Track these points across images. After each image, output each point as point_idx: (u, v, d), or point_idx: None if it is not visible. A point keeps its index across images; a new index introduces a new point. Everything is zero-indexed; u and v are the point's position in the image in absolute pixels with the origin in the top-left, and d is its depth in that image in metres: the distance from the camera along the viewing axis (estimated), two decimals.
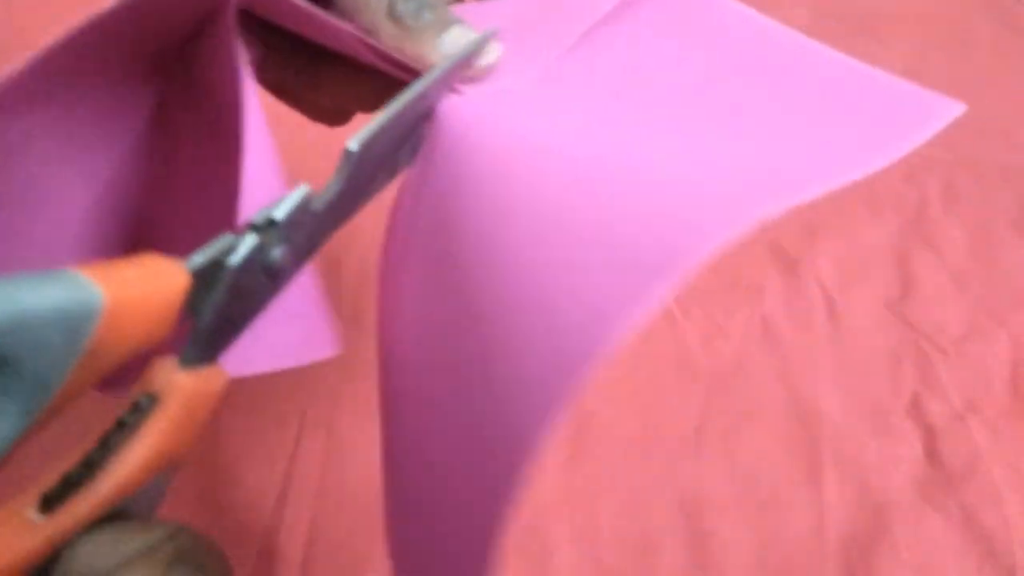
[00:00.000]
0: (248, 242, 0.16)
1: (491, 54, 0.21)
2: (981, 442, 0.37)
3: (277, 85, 0.25)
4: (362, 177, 0.19)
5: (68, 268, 0.13)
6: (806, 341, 0.41)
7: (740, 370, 0.40)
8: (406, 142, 0.20)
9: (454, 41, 0.21)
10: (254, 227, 0.16)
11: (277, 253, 0.17)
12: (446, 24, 0.21)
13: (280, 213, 0.16)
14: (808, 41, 0.24)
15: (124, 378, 0.16)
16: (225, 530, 0.33)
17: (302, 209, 0.17)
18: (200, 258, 0.15)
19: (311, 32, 0.21)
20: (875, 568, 0.33)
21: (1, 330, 0.12)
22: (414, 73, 0.21)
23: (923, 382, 0.40)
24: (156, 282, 0.14)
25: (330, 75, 0.24)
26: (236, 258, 0.16)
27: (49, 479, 0.14)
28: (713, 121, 0.19)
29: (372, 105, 0.25)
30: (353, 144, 0.18)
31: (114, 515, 0.15)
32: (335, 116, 0.26)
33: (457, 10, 0.23)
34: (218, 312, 0.16)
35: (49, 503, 0.14)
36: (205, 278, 0.16)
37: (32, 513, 0.14)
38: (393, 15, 0.20)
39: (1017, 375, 0.40)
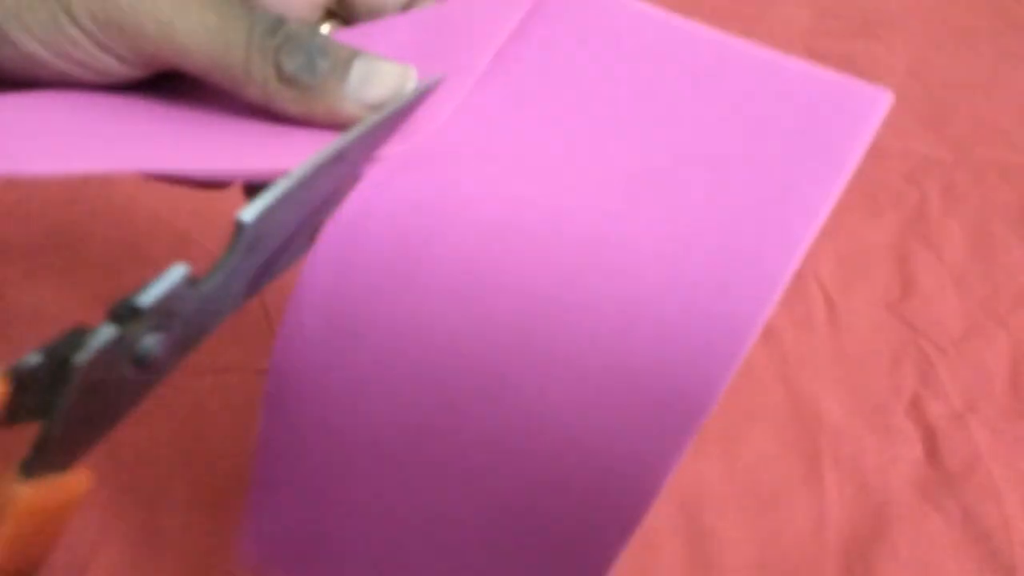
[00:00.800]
0: (101, 336, 0.13)
1: (404, 88, 0.19)
2: (981, 442, 0.37)
3: None
4: (265, 250, 0.16)
5: None
6: (806, 341, 0.41)
7: (740, 370, 0.40)
8: (330, 205, 0.17)
9: (362, 78, 0.18)
10: (113, 316, 0.14)
11: (149, 342, 0.15)
12: (347, 63, 0.18)
13: (146, 300, 0.14)
14: (718, 36, 0.22)
15: None
16: (223, 531, 0.33)
17: (179, 294, 0.15)
18: (36, 358, 0.13)
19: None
20: (875, 568, 0.33)
21: None
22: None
23: (923, 382, 0.40)
24: None
25: None
26: (83, 356, 0.13)
27: None
28: (667, 162, 0.18)
29: None
30: (246, 215, 0.15)
31: None
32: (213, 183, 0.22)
33: (342, 36, 0.21)
34: (68, 416, 0.14)
35: None
36: (49, 378, 0.14)
37: None
38: (284, 78, 0.18)
39: (1017, 375, 0.40)
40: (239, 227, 0.15)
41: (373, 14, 0.21)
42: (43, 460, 0.14)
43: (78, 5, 0.17)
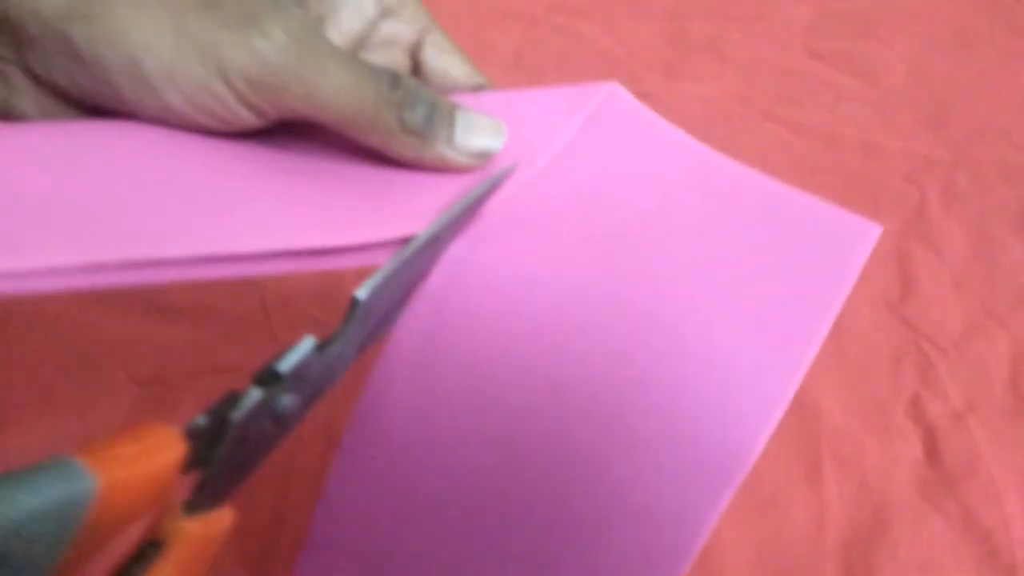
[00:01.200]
0: (252, 398, 0.16)
1: (498, 140, 0.22)
2: (981, 442, 0.37)
3: None
4: (371, 322, 0.19)
5: (65, 454, 0.13)
6: None
7: None
8: (421, 280, 0.21)
9: (464, 128, 0.21)
10: (258, 381, 0.17)
11: (285, 402, 0.18)
12: (452, 115, 0.21)
13: (285, 367, 0.17)
14: (736, 166, 0.26)
15: None
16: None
17: (308, 361, 0.17)
18: (203, 419, 0.16)
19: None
20: (875, 568, 0.33)
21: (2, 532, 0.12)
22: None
23: (923, 382, 0.40)
24: (152, 457, 0.15)
25: None
26: (239, 414, 0.16)
27: None
28: (698, 268, 0.21)
29: None
30: (361, 293, 0.18)
31: None
32: None
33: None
34: (224, 463, 0.16)
35: None
36: (211, 433, 0.16)
37: None
38: (406, 128, 0.20)
39: (1017, 375, 0.40)
40: (354, 303, 0.18)
41: (447, 89, 0.24)
42: (201, 500, 0.16)
43: (232, 66, 0.18)
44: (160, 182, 0.18)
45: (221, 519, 0.17)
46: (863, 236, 0.22)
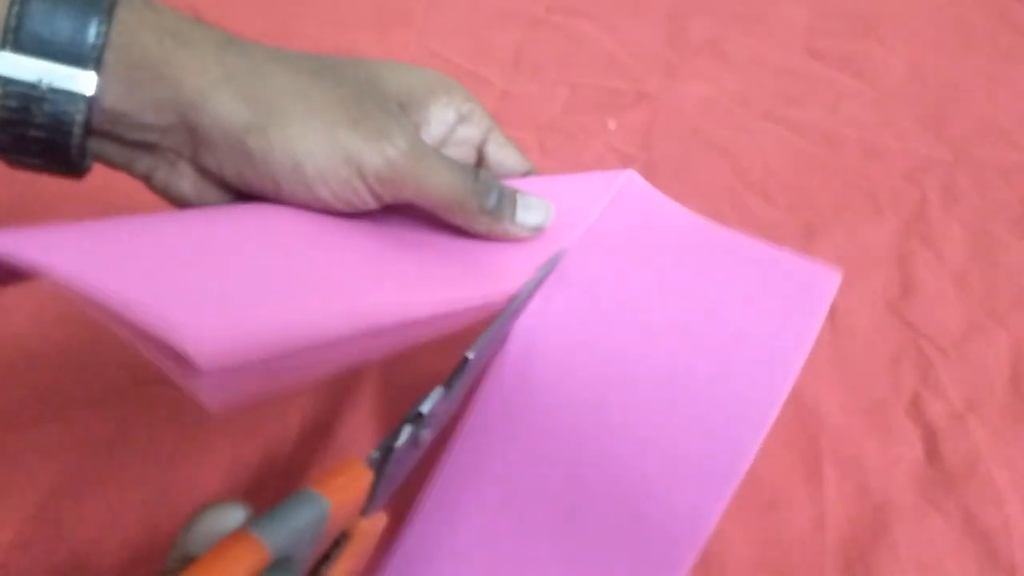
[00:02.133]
0: (406, 432, 0.23)
1: (548, 217, 0.29)
2: (981, 442, 0.37)
3: None
4: (475, 372, 0.26)
5: (309, 488, 0.20)
6: None
7: None
8: (500, 342, 0.27)
9: (523, 208, 0.28)
10: (407, 421, 0.23)
11: (424, 434, 0.24)
12: (513, 200, 0.28)
13: (425, 408, 0.24)
14: (715, 228, 0.31)
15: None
16: None
17: (438, 405, 0.24)
18: (376, 453, 0.23)
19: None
20: (875, 568, 0.33)
21: (288, 543, 0.18)
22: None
23: (923, 382, 0.40)
24: (355, 485, 0.21)
25: None
26: (399, 443, 0.23)
27: None
28: (696, 319, 0.27)
29: None
30: (471, 353, 0.25)
31: None
32: None
33: None
34: (386, 478, 0.23)
35: None
36: (381, 461, 0.23)
37: None
38: (484, 210, 0.27)
39: (1017, 375, 0.40)
40: (466, 361, 0.25)
41: (502, 174, 0.31)
42: (370, 506, 0.23)
43: (369, 168, 0.24)
44: (316, 257, 0.24)
45: (381, 518, 0.24)
46: (829, 281, 0.28)
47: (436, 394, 0.24)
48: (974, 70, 0.62)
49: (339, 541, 0.22)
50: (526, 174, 0.32)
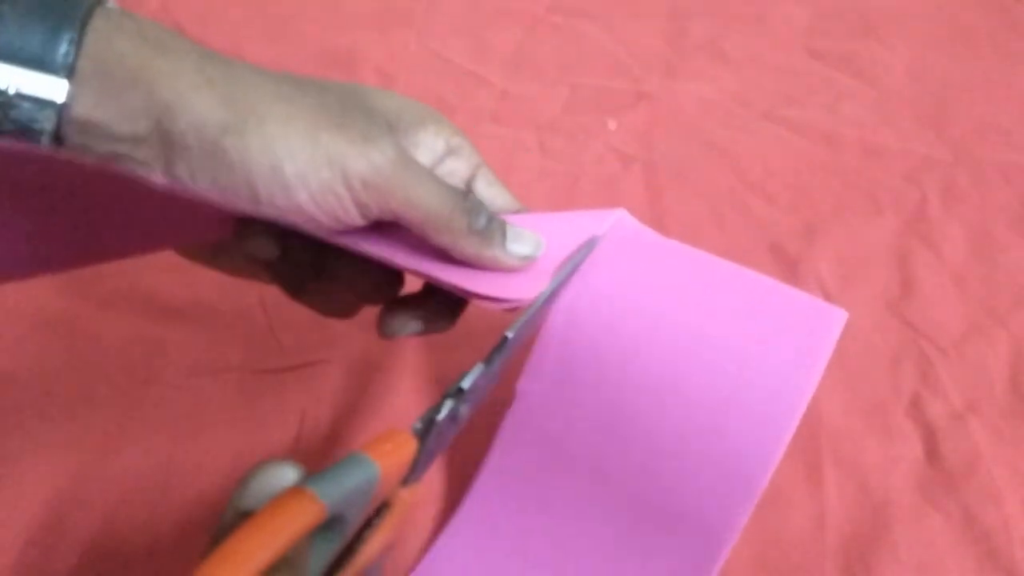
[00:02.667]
0: (447, 406, 0.24)
1: (538, 250, 0.28)
2: (981, 442, 0.37)
3: (294, 282, 0.28)
4: (511, 351, 0.27)
5: (359, 451, 0.20)
6: None
7: None
8: (532, 330, 0.29)
9: (513, 237, 0.27)
10: (449, 395, 0.24)
11: (462, 409, 0.25)
12: (503, 227, 0.27)
13: (466, 384, 0.25)
14: (729, 265, 0.31)
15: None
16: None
17: (479, 380, 0.25)
18: (419, 423, 0.23)
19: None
20: (875, 568, 0.33)
21: (342, 502, 0.18)
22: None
23: (923, 382, 0.40)
24: (401, 451, 0.22)
25: (342, 268, 0.27)
26: (441, 416, 0.24)
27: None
28: (707, 353, 0.28)
29: (373, 297, 0.28)
30: (510, 333, 0.26)
31: None
32: (346, 309, 0.29)
33: None
34: (426, 451, 0.24)
35: (330, 571, 0.21)
36: (423, 432, 0.23)
37: None
38: (472, 231, 0.26)
39: (1017, 375, 0.40)
40: (505, 340, 0.26)
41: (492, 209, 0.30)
42: (411, 477, 0.23)
43: (353, 172, 0.23)
44: None
45: (419, 489, 0.25)
46: (835, 320, 0.30)
47: (476, 370, 0.25)
48: (974, 70, 0.62)
49: (380, 510, 0.23)
50: (517, 212, 0.31)
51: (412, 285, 0.30)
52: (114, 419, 0.36)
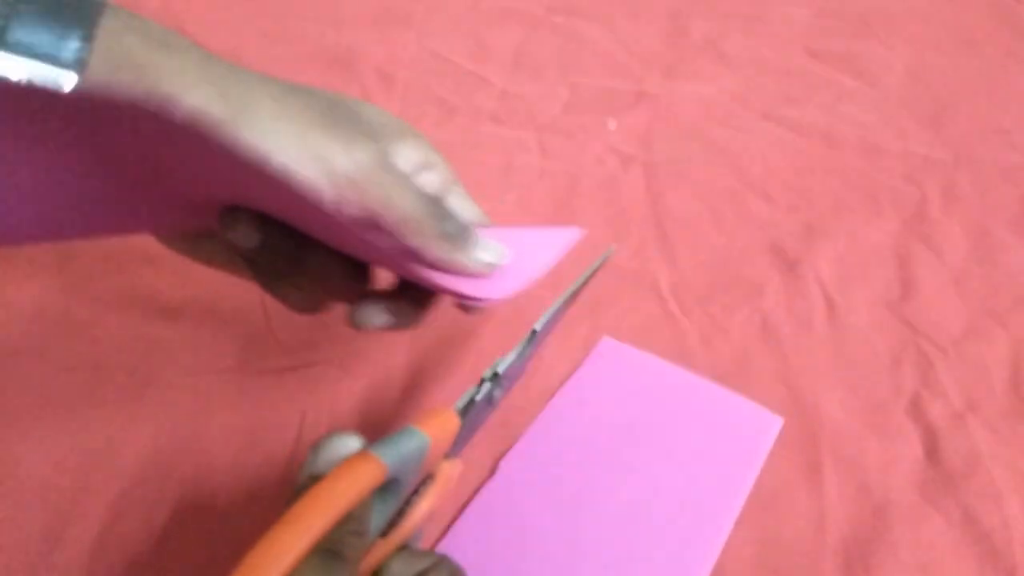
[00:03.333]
0: (484, 388, 0.27)
1: (503, 259, 0.29)
2: (981, 442, 0.37)
3: (271, 274, 0.29)
4: (537, 343, 0.30)
5: (411, 425, 0.23)
6: (806, 341, 0.41)
7: (740, 370, 0.40)
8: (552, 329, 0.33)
9: (483, 249, 0.29)
10: (486, 379, 0.28)
11: (496, 392, 0.28)
12: (474, 236, 0.28)
13: (501, 368, 0.28)
14: (689, 376, 0.39)
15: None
16: (225, 530, 0.33)
17: (512, 366, 0.28)
18: (461, 403, 0.27)
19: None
20: (875, 568, 0.33)
21: (400, 465, 0.21)
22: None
23: (923, 382, 0.40)
24: (447, 425, 0.25)
25: (314, 261, 0.29)
26: (479, 397, 0.27)
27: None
28: (655, 459, 0.36)
29: (342, 293, 0.30)
30: (538, 325, 0.30)
31: (403, 547, 0.25)
32: (311, 303, 0.30)
33: None
34: (467, 427, 0.27)
35: (386, 530, 0.24)
36: (464, 409, 0.26)
37: (378, 539, 0.24)
38: (443, 235, 0.27)
39: (1017, 375, 0.40)
40: (533, 333, 0.30)
41: None
42: (453, 452, 0.27)
43: (337, 168, 0.24)
44: None
45: (458, 463, 0.28)
46: (770, 426, 0.37)
47: (511, 355, 0.28)
48: (974, 70, 0.62)
49: (425, 480, 0.26)
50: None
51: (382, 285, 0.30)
52: (114, 418, 0.36)
